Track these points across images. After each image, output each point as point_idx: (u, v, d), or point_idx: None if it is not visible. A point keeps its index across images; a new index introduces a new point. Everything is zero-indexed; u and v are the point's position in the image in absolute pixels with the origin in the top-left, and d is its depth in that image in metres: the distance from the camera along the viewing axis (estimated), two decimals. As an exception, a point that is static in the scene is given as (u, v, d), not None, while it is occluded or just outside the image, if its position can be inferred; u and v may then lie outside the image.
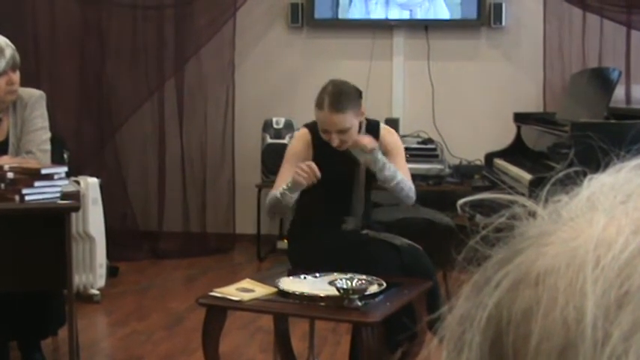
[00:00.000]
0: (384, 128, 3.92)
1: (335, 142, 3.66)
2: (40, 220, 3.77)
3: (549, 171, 4.70)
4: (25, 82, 4.14)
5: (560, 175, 0.60)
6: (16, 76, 3.99)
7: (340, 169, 3.76)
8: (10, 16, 6.67)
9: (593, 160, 0.66)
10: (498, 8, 6.54)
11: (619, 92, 5.82)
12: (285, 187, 3.65)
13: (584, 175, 0.55)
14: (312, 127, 3.83)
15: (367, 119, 3.86)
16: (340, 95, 3.66)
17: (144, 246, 6.70)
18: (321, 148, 3.76)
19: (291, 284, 3.41)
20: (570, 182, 0.55)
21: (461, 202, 0.69)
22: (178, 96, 6.84)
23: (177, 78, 6.84)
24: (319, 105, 3.67)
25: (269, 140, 6.48)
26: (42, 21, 6.81)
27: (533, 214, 0.54)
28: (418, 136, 6.62)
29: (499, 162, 5.78)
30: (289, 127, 6.43)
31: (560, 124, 5.03)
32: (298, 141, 3.87)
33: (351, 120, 3.66)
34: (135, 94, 6.85)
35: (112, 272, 5.74)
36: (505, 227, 0.55)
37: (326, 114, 3.64)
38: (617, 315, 0.44)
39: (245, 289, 3.39)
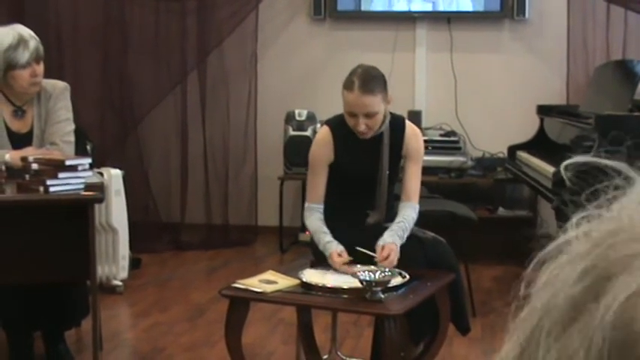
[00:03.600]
0: (410, 127, 3.84)
1: (361, 126, 3.62)
2: (63, 211, 3.80)
3: (573, 164, 4.67)
4: (48, 75, 4.16)
5: None
6: (40, 68, 4.02)
7: (363, 164, 3.74)
8: (34, 9, 6.70)
9: (618, 153, 0.65)
10: (521, 0, 6.50)
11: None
12: (323, 245, 3.62)
13: None
14: (332, 123, 3.79)
15: (392, 114, 3.81)
16: (370, 77, 3.63)
17: (166, 238, 6.72)
18: (343, 146, 3.73)
19: (314, 276, 3.41)
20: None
21: (565, 163, 0.67)
22: (201, 88, 6.85)
23: (199, 70, 6.85)
24: (349, 87, 3.62)
25: (291, 132, 6.48)
26: (65, 14, 6.83)
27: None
28: (441, 129, 6.60)
29: (522, 154, 5.76)
30: (312, 119, 6.43)
31: (583, 116, 5.00)
32: (319, 146, 3.79)
33: (379, 104, 3.62)
34: (157, 87, 6.87)
35: (134, 264, 5.76)
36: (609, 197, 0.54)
37: (356, 95, 3.58)
38: None
39: (267, 281, 3.39)
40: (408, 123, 3.86)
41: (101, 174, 4.86)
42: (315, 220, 3.70)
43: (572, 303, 0.50)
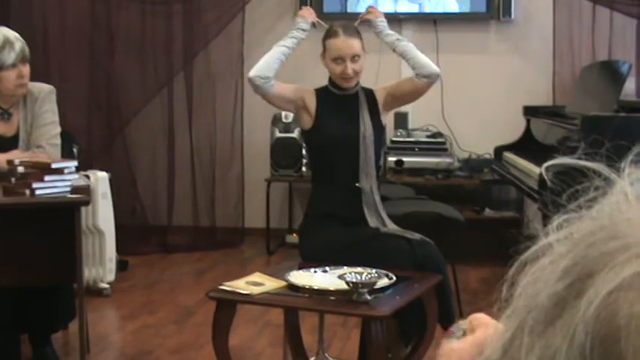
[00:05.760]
0: (375, 90, 4.05)
1: (349, 69, 3.81)
2: (50, 214, 3.79)
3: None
4: (34, 78, 4.15)
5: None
6: (26, 69, 4.01)
7: (345, 124, 3.87)
8: (20, 13, 6.69)
9: (604, 154, 0.66)
10: (507, 1, 6.52)
11: (629, 85, 5.81)
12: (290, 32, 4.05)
13: None
14: (318, 90, 3.97)
15: (362, 87, 4.00)
16: (349, 25, 3.95)
17: (153, 240, 6.71)
18: (324, 106, 3.90)
19: (301, 278, 3.41)
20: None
21: (545, 165, 0.69)
22: (187, 90, 6.85)
23: (186, 72, 6.84)
24: (333, 34, 3.88)
25: (278, 134, 6.48)
26: (51, 17, 6.82)
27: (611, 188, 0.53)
28: (427, 130, 6.62)
29: (508, 155, 5.77)
30: (298, 121, 6.43)
31: (570, 117, 5.01)
32: (306, 87, 4.02)
33: (361, 49, 3.88)
34: (144, 89, 6.86)
35: (121, 266, 5.75)
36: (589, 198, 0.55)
37: (342, 39, 3.84)
38: None
39: (255, 283, 3.39)
40: (375, 89, 4.07)
41: (88, 177, 4.85)
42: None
43: (555, 300, 0.51)
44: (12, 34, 4.01)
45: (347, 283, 3.20)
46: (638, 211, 0.51)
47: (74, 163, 3.81)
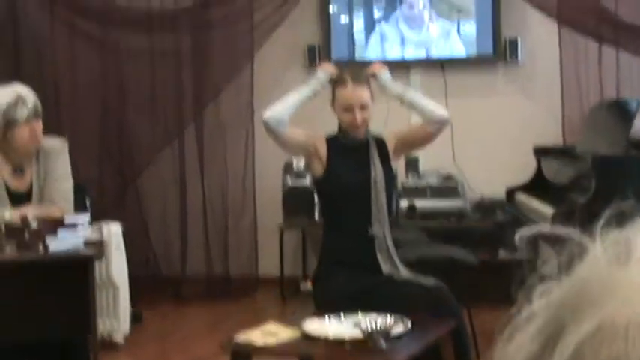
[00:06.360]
0: (385, 135, 4.07)
1: (358, 118, 3.82)
2: (63, 268, 3.79)
3: (571, 204, 4.68)
4: (47, 130, 4.18)
5: (614, 211, 0.62)
6: (39, 125, 4.04)
7: (356, 172, 3.89)
8: (31, 67, 6.76)
9: (616, 192, 0.67)
10: (514, 43, 6.56)
11: (638, 122, 5.80)
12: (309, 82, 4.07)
13: (634, 211, 0.56)
14: (328, 138, 3.98)
15: (372, 134, 4.01)
16: (360, 72, 3.97)
17: (167, 290, 6.70)
18: (335, 155, 3.90)
19: (316, 327, 3.40)
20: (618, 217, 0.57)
21: (519, 234, 0.72)
22: (198, 140, 6.88)
23: (196, 123, 6.88)
24: (341, 82, 3.89)
25: (290, 182, 6.49)
26: (62, 70, 6.89)
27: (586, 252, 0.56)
28: (438, 173, 6.62)
29: (520, 197, 5.77)
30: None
31: (580, 156, 5.02)
32: (318, 134, 4.04)
33: (370, 97, 3.89)
34: (155, 140, 6.90)
35: (135, 318, 5.74)
36: (564, 264, 0.58)
37: (350, 88, 3.84)
38: None
39: (269, 333, 3.38)
40: (384, 133, 4.11)
41: (101, 230, 4.86)
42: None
43: (532, 358, 0.55)
44: (24, 91, 4.05)
45: (362, 331, 3.19)
46: (607, 272, 0.54)
47: (87, 217, 3.83)
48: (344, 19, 6.80)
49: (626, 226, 0.56)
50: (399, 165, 4.18)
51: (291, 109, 3.92)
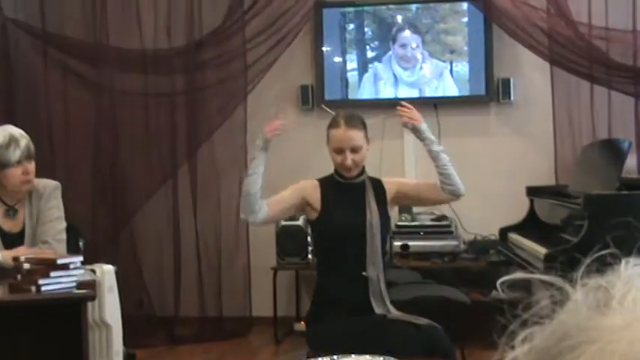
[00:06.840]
0: (385, 180, 4.04)
1: (349, 161, 3.81)
2: (56, 309, 3.77)
3: (564, 244, 4.68)
4: (40, 171, 4.19)
5: (594, 257, 0.63)
6: (31, 166, 4.04)
7: (350, 212, 3.86)
8: (25, 107, 6.77)
9: (608, 232, 0.68)
10: (506, 84, 6.60)
11: (630, 162, 5.83)
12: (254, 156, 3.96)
13: (617, 257, 0.57)
14: (322, 180, 3.95)
15: (368, 177, 3.99)
16: (354, 115, 3.94)
17: (160, 332, 6.67)
18: (330, 196, 3.88)
19: (309, 367, 3.38)
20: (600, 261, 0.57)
21: (500, 281, 0.73)
22: (192, 181, 6.89)
23: (190, 163, 6.89)
24: (334, 125, 3.88)
25: (283, 222, 6.49)
26: (56, 110, 6.91)
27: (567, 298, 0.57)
28: (432, 213, 6.62)
29: (513, 236, 5.77)
30: (303, 208, 6.45)
31: (572, 196, 5.03)
32: (307, 184, 3.96)
33: (363, 140, 3.87)
34: (149, 181, 6.90)
35: (129, 359, 5.69)
36: (545, 311, 0.59)
37: (342, 130, 3.84)
38: None
39: (263, 374, 3.37)
40: (384, 180, 4.05)
41: (93, 271, 4.84)
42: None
43: None
44: (17, 132, 4.06)
45: (356, 371, 3.17)
46: (587, 318, 0.55)
47: (80, 258, 3.81)
48: (337, 59, 6.84)
49: (607, 273, 0.57)
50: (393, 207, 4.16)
51: (256, 193, 3.79)
